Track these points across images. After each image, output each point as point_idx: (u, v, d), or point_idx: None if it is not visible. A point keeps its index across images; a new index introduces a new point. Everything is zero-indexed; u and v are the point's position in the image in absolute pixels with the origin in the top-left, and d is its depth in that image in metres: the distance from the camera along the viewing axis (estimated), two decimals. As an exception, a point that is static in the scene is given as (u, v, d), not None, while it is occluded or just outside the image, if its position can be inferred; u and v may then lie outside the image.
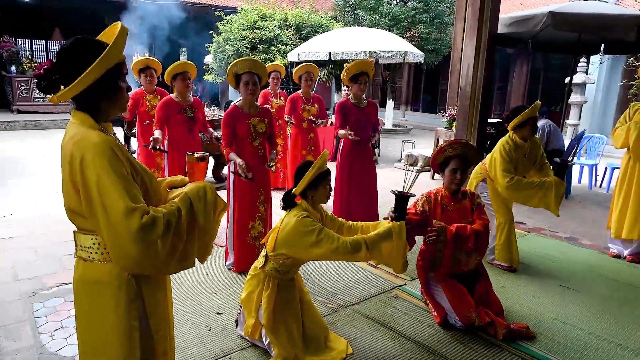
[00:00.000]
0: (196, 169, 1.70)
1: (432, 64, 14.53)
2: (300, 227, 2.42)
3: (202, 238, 1.64)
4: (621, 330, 3.09)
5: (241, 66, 3.49)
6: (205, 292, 3.43)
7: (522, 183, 3.71)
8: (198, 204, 1.60)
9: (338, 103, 4.42)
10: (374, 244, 2.41)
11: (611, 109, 12.85)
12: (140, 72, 5.09)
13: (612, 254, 4.41)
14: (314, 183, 2.52)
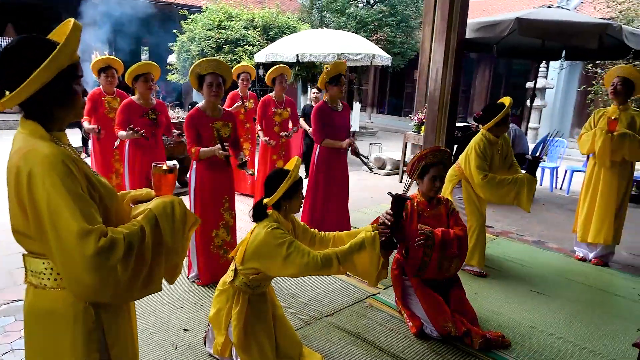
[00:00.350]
0: (163, 181, 1.55)
1: (398, 67, 14.64)
2: (270, 238, 2.31)
3: (170, 258, 1.49)
4: (592, 335, 3.11)
5: (205, 66, 3.33)
6: (170, 307, 3.25)
7: (496, 180, 3.74)
8: (165, 222, 1.45)
9: (315, 107, 4.29)
10: (345, 257, 2.31)
11: (569, 113, 13.31)
12: (100, 71, 4.81)
13: (578, 257, 4.48)
14: (288, 193, 2.41)
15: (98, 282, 1.26)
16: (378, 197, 6.53)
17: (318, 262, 2.24)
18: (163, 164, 1.56)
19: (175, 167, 1.57)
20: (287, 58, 8.63)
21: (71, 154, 1.34)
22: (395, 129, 16.45)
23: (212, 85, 3.34)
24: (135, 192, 1.60)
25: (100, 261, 1.24)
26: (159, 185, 1.55)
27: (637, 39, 5.83)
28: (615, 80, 4.12)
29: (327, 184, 4.36)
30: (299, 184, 2.47)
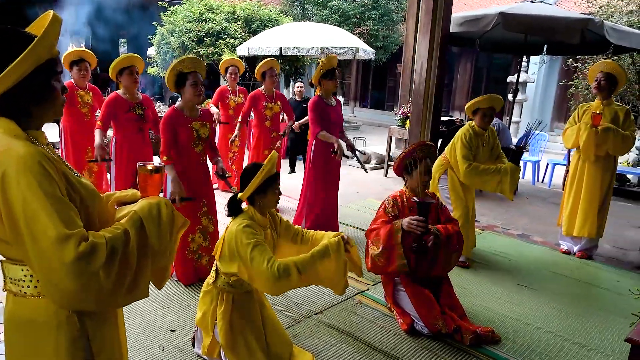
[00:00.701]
0: (149, 182, 1.46)
1: (381, 60, 14.62)
2: (239, 237, 2.24)
3: (157, 262, 1.41)
4: (580, 329, 3.14)
5: (188, 64, 3.15)
6: (156, 307, 3.16)
7: (479, 168, 3.79)
8: (151, 225, 1.37)
9: (312, 101, 4.24)
10: (306, 266, 2.17)
11: (549, 107, 13.49)
12: (72, 64, 4.64)
13: (563, 250, 4.53)
14: (262, 187, 2.33)
15: (79, 290, 1.18)
16: (364, 191, 6.50)
17: (275, 272, 2.09)
18: (148, 163, 1.48)
19: (162, 166, 1.49)
20: (270, 51, 8.52)
21: (49, 153, 1.25)
22: (378, 123, 16.46)
23: (197, 84, 3.18)
24: (120, 193, 1.52)
25: (81, 267, 1.17)
26: (144, 185, 1.47)
27: (618, 34, 5.89)
28: (599, 76, 4.15)
29: (324, 178, 4.34)
30: (275, 179, 2.38)
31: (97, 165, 4.86)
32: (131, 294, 1.32)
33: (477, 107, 3.87)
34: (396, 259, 2.84)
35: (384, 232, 2.87)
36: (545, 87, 13.18)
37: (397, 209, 3.00)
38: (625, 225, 5.48)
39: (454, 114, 15.57)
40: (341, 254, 2.24)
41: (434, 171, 4.00)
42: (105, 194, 1.59)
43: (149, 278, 1.39)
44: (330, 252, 2.23)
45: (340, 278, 2.26)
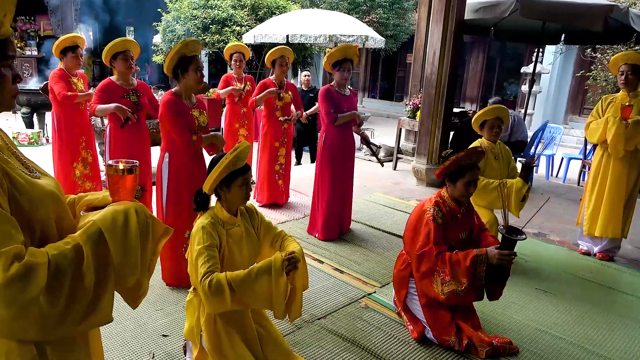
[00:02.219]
0: (121, 184, 1.24)
1: (391, 50, 14.28)
2: (193, 239, 2.07)
3: (125, 281, 1.20)
4: (603, 339, 2.90)
5: (192, 47, 2.91)
6: (148, 308, 2.97)
7: (483, 182, 3.46)
8: (114, 237, 1.15)
9: (323, 89, 4.02)
10: (241, 284, 1.93)
11: (563, 99, 13.10)
12: (67, 51, 4.41)
13: (582, 251, 4.28)
14: (226, 181, 2.11)
15: (13, 319, 0.98)
16: (371, 185, 6.27)
17: (205, 288, 1.89)
18: (119, 162, 1.26)
19: (135, 166, 1.27)
20: (277, 39, 8.27)
21: None
22: (387, 114, 16.16)
23: (200, 69, 2.97)
24: (91, 195, 1.30)
25: (12, 294, 0.96)
26: (115, 188, 1.24)
27: (643, 21, 5.57)
28: (624, 68, 3.86)
29: (337, 173, 4.15)
30: (241, 172, 2.12)
31: (91, 156, 4.67)
32: (89, 320, 1.11)
33: (484, 119, 3.62)
34: (474, 290, 2.58)
35: (466, 267, 2.52)
36: (560, 78, 12.78)
37: (444, 219, 2.66)
38: (647, 224, 5.21)
39: (465, 105, 15.22)
40: (282, 274, 1.96)
41: None
42: (78, 195, 1.37)
43: (111, 300, 1.17)
44: (272, 271, 1.97)
45: (279, 300, 1.97)
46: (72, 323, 1.07)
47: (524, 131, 6.63)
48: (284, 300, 1.99)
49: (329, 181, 4.14)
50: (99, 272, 1.11)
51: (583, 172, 7.28)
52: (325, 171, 4.15)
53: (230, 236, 2.17)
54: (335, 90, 4.03)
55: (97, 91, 3.79)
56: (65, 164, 4.56)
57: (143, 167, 4.02)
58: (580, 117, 12.80)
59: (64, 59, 4.41)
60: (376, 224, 4.72)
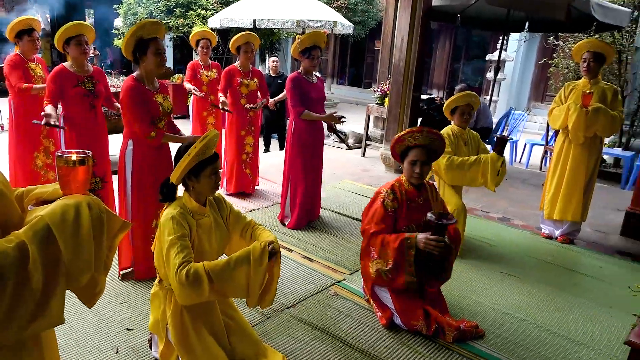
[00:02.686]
0: (72, 177, 1.16)
1: (359, 36, 14.23)
2: (162, 229, 2.02)
3: (78, 279, 1.13)
4: (565, 320, 3.00)
5: (149, 29, 2.78)
6: (112, 301, 2.88)
7: (459, 161, 3.57)
8: (63, 234, 1.08)
9: (290, 77, 3.95)
10: (220, 274, 1.90)
11: (526, 86, 13.41)
12: (22, 34, 4.16)
13: (545, 234, 4.40)
14: (194, 171, 2.05)
15: None
16: (340, 172, 6.26)
17: (182, 278, 1.84)
18: (71, 152, 1.17)
19: (88, 157, 1.19)
20: (244, 24, 8.08)
21: None
22: (355, 100, 16.17)
23: (160, 52, 2.84)
24: (41, 188, 1.22)
25: None
26: (65, 181, 1.16)
27: (604, 10, 5.70)
28: (586, 56, 3.95)
29: (307, 161, 4.11)
30: (210, 161, 2.06)
31: (53, 145, 4.46)
32: (37, 322, 1.04)
33: (455, 105, 3.67)
34: (405, 275, 2.60)
35: (394, 248, 2.56)
36: (524, 65, 13.06)
37: (396, 203, 2.70)
38: (605, 207, 5.40)
39: (432, 92, 15.38)
40: (262, 263, 1.96)
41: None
42: (26, 187, 1.29)
43: (62, 300, 1.10)
44: (250, 259, 1.95)
45: (256, 289, 1.97)
46: (19, 327, 1.01)
47: (489, 117, 6.75)
48: (259, 289, 1.99)
49: (301, 170, 4.11)
50: (47, 272, 1.05)
51: (545, 158, 7.49)
52: (297, 160, 4.11)
53: (200, 227, 2.12)
54: (304, 78, 3.98)
55: (48, 81, 3.57)
56: (25, 154, 4.33)
57: (102, 157, 3.85)
58: (542, 103, 13.14)
59: (19, 42, 4.17)
60: (345, 211, 4.72)
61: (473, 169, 3.58)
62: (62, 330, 2.51)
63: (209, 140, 1.99)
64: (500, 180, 3.65)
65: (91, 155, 1.20)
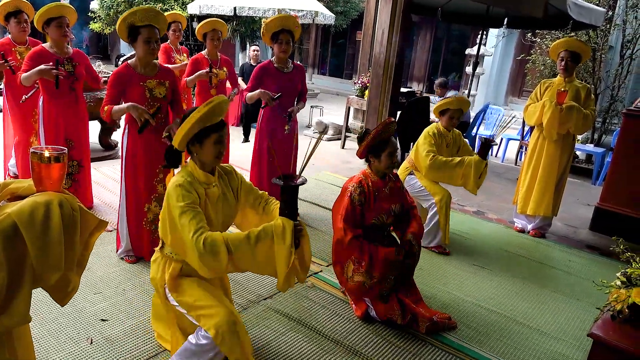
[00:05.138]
0: (45, 174, 1.13)
1: (341, 26, 14.19)
2: (171, 197, 1.92)
3: (46, 278, 1.11)
4: (534, 312, 3.10)
5: (141, 16, 2.81)
6: (86, 292, 2.84)
7: (442, 161, 3.66)
8: (30, 233, 1.06)
9: (259, 65, 3.88)
10: (240, 247, 1.83)
11: (504, 81, 13.59)
12: (9, 17, 4.03)
13: (517, 228, 4.51)
14: (198, 137, 1.97)
15: None
16: (320, 164, 6.28)
17: (200, 246, 1.77)
18: (46, 148, 1.15)
19: (63, 154, 1.17)
20: (224, 11, 8.00)
21: None
22: (336, 91, 16.15)
23: (150, 41, 2.87)
24: (16, 184, 1.19)
25: None
26: (39, 177, 1.14)
27: (579, 9, 5.83)
28: (563, 55, 4.04)
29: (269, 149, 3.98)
30: (216, 129, 1.98)
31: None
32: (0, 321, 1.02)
33: (447, 107, 3.73)
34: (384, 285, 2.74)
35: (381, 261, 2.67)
36: (502, 61, 13.23)
37: (364, 196, 2.75)
38: (576, 202, 5.56)
39: (412, 84, 15.47)
40: (286, 242, 1.86)
41: (400, 173, 3.85)
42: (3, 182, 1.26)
43: (28, 299, 1.08)
44: (272, 235, 1.87)
45: (283, 268, 1.88)
46: None
47: (467, 112, 6.84)
48: (286, 268, 1.87)
49: (266, 159, 4.00)
50: (12, 270, 1.03)
51: (521, 152, 7.64)
52: (262, 149, 4.00)
53: (207, 196, 2.04)
54: (274, 67, 3.85)
55: (26, 59, 3.50)
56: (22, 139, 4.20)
57: (81, 141, 3.83)
58: (519, 99, 13.36)
59: (8, 25, 4.03)
60: (323, 203, 4.74)
61: (456, 170, 3.66)
62: (35, 321, 2.48)
63: (215, 106, 1.89)
64: (481, 183, 3.74)
65: (66, 151, 1.18)
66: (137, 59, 3.00)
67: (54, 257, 1.11)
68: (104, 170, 5.13)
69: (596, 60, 7.54)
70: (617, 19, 7.70)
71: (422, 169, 3.72)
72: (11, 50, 4.07)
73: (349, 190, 2.76)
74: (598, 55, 7.54)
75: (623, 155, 4.43)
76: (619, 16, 7.67)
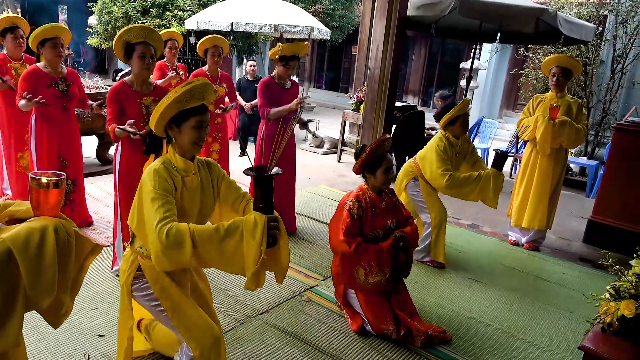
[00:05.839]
0: (43, 199, 1.15)
1: (336, 41, 14.36)
2: (145, 181, 1.82)
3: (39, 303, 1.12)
4: (528, 325, 3.12)
5: (136, 34, 2.88)
6: (84, 307, 2.86)
7: (460, 178, 3.62)
8: (24, 258, 1.07)
9: (262, 81, 4.00)
10: (207, 240, 1.69)
11: (498, 95, 13.74)
12: (5, 32, 4.09)
13: (512, 241, 4.56)
14: (176, 120, 1.87)
15: None
16: (316, 177, 6.32)
17: (162, 237, 1.65)
18: (45, 174, 1.16)
19: (61, 179, 1.19)
20: (221, 27, 8.08)
21: None
22: (332, 105, 16.27)
23: (144, 56, 2.93)
24: (15, 206, 1.22)
25: None
26: (37, 203, 1.15)
27: (569, 25, 5.95)
28: (555, 70, 4.12)
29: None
30: (196, 112, 1.88)
31: None
32: None
33: (458, 114, 3.65)
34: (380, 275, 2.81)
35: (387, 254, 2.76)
36: (496, 75, 13.40)
37: (362, 211, 2.79)
38: (569, 215, 5.62)
39: (408, 98, 15.61)
40: (256, 238, 1.69)
41: (403, 175, 3.87)
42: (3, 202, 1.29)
43: (19, 323, 1.09)
44: (242, 230, 1.71)
45: (250, 265, 1.70)
46: None
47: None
48: (253, 266, 1.72)
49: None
50: (4, 295, 1.05)
51: (515, 165, 7.71)
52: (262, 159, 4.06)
53: (184, 184, 1.93)
54: (275, 82, 4.01)
55: (21, 81, 3.53)
56: (15, 155, 4.23)
57: (74, 160, 3.85)
58: (513, 112, 13.49)
59: (4, 41, 4.08)
60: (320, 217, 4.78)
61: (474, 185, 3.63)
62: (33, 337, 2.49)
63: (194, 87, 1.81)
64: (498, 195, 3.74)
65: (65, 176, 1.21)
66: (133, 75, 3.05)
67: (46, 282, 1.12)
68: (101, 185, 5.16)
69: (588, 74, 7.66)
70: (607, 34, 7.85)
71: (438, 188, 3.67)
72: (6, 66, 4.11)
73: (347, 205, 2.79)
74: (590, 69, 7.66)
75: (615, 169, 4.50)
76: (609, 31, 7.82)
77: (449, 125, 3.71)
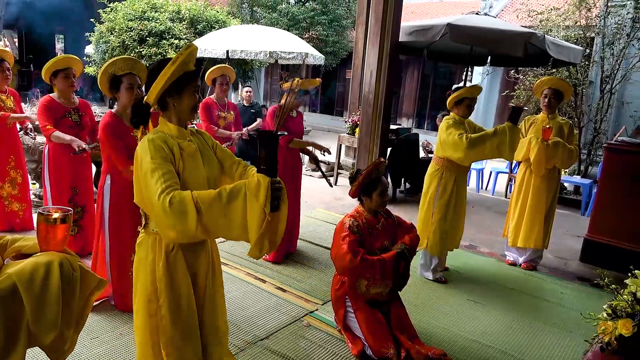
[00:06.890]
0: (51, 235, 1.17)
1: (330, 66, 14.60)
2: (141, 153, 1.76)
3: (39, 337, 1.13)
4: (529, 346, 3.12)
5: (121, 66, 2.88)
6: (83, 336, 2.83)
7: (478, 136, 3.70)
8: (29, 293, 1.08)
9: (272, 110, 4.08)
10: (211, 205, 1.63)
11: (491, 116, 13.95)
12: None
13: (509, 261, 4.58)
14: (176, 86, 1.82)
15: None
16: (312, 201, 6.35)
17: (165, 206, 1.59)
18: (53, 210, 1.19)
19: (68, 215, 1.22)
20: (217, 54, 8.23)
21: None
22: (327, 128, 16.42)
23: (132, 87, 2.92)
24: (22, 242, 1.23)
25: None
26: (44, 238, 1.18)
27: (557, 48, 6.10)
28: (547, 92, 4.22)
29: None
30: (193, 76, 1.87)
31: (20, 176, 4.40)
32: None
33: (464, 96, 3.81)
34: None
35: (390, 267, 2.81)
36: (488, 96, 13.62)
37: (360, 229, 2.85)
38: (565, 234, 5.66)
39: (402, 121, 15.78)
40: (259, 199, 1.63)
41: (431, 178, 3.96)
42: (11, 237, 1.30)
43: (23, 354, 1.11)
44: (244, 192, 1.65)
45: (254, 230, 1.65)
46: None
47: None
48: (258, 231, 1.66)
49: None
50: (7, 331, 1.06)
51: (510, 185, 7.78)
52: None
53: (183, 150, 1.87)
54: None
55: (39, 112, 3.59)
56: None
57: (85, 188, 3.90)
58: (506, 132, 13.65)
59: None
60: (318, 241, 4.79)
61: (492, 140, 3.69)
62: (31, 368, 2.47)
63: (192, 51, 1.80)
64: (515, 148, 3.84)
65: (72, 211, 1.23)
66: (121, 108, 2.97)
67: (50, 316, 1.13)
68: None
69: (578, 95, 7.82)
70: (595, 55, 8.05)
71: (460, 153, 3.67)
72: None
73: (346, 224, 2.85)
74: (579, 90, 7.82)
75: (607, 188, 4.56)
76: (596, 53, 8.02)
77: (456, 105, 3.85)
